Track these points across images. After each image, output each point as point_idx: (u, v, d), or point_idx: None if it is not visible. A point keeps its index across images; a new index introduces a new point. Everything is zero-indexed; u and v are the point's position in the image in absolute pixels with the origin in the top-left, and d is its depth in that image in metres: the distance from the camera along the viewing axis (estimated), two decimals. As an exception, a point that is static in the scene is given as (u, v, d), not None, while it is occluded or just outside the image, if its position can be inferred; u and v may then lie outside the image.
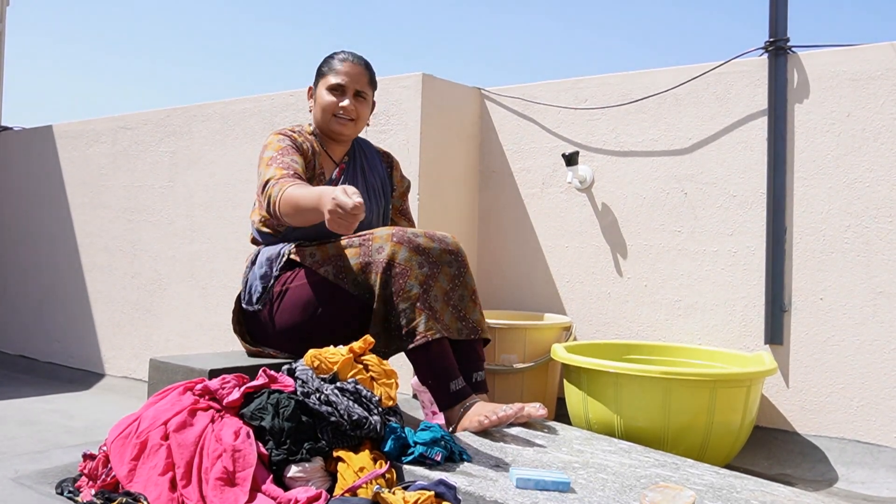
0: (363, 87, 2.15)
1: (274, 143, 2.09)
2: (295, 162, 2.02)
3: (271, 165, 2.00)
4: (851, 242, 2.35)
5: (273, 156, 2.04)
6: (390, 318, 1.90)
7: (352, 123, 2.15)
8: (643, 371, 2.09)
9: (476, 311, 2.00)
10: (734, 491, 1.62)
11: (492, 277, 3.02)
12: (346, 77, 2.13)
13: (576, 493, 1.51)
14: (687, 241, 2.61)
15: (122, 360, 3.67)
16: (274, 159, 2.02)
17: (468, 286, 1.99)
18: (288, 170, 1.97)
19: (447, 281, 1.94)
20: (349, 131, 2.16)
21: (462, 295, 1.96)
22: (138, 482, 1.59)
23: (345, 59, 2.15)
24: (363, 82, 2.16)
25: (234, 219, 3.27)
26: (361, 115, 2.16)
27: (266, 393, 1.69)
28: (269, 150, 2.07)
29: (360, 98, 2.15)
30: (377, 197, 2.23)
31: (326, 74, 2.16)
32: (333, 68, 2.15)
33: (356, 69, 2.15)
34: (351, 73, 2.13)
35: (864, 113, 2.34)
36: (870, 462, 2.26)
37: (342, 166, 2.19)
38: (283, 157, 2.02)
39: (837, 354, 2.35)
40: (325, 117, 2.14)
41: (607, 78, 2.79)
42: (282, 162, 2.00)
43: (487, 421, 1.80)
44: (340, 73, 2.13)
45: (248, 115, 3.27)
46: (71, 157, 3.98)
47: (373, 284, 1.92)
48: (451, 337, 1.92)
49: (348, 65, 2.14)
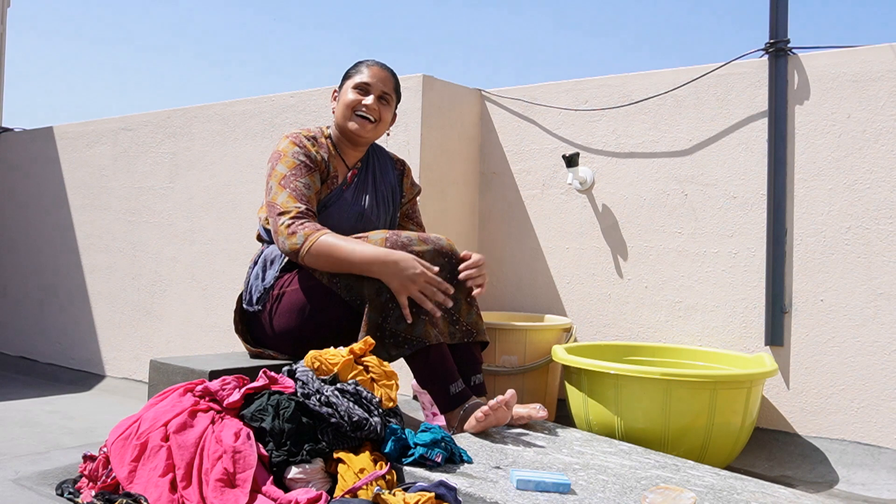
0: (388, 91, 2.18)
1: (288, 155, 2.07)
2: (308, 187, 2.03)
3: (284, 189, 2.01)
4: (852, 244, 2.34)
5: (286, 174, 2.04)
6: (385, 325, 1.91)
7: (372, 126, 2.15)
8: (643, 372, 2.09)
9: (472, 314, 2.00)
10: (735, 492, 1.62)
11: (492, 278, 3.02)
12: (372, 78, 2.16)
13: (576, 495, 1.51)
14: (687, 243, 2.61)
15: (122, 361, 3.67)
16: (287, 180, 2.03)
17: (462, 289, 1.99)
18: (301, 200, 2.00)
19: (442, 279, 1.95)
20: (368, 133, 2.15)
21: (456, 298, 1.97)
22: (139, 483, 1.59)
23: (372, 64, 2.19)
24: (389, 86, 2.18)
25: (235, 220, 3.27)
26: (383, 118, 2.17)
27: (266, 394, 1.69)
28: (282, 164, 2.06)
29: (383, 101, 2.17)
30: (386, 203, 2.24)
31: (353, 76, 2.18)
32: (361, 71, 2.18)
33: (383, 73, 2.18)
34: (378, 76, 2.16)
35: (865, 114, 2.34)
36: (870, 464, 2.25)
37: (354, 171, 2.20)
38: (296, 179, 2.03)
39: (838, 356, 2.35)
40: (346, 114, 2.14)
41: (608, 79, 2.79)
42: (295, 188, 2.01)
43: (482, 415, 1.80)
44: (367, 75, 2.16)
45: (248, 117, 3.27)
46: (71, 158, 3.98)
47: (365, 291, 1.92)
48: (444, 341, 1.92)
49: (376, 69, 2.18)
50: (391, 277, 1.87)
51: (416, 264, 1.87)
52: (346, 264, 1.91)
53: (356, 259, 1.89)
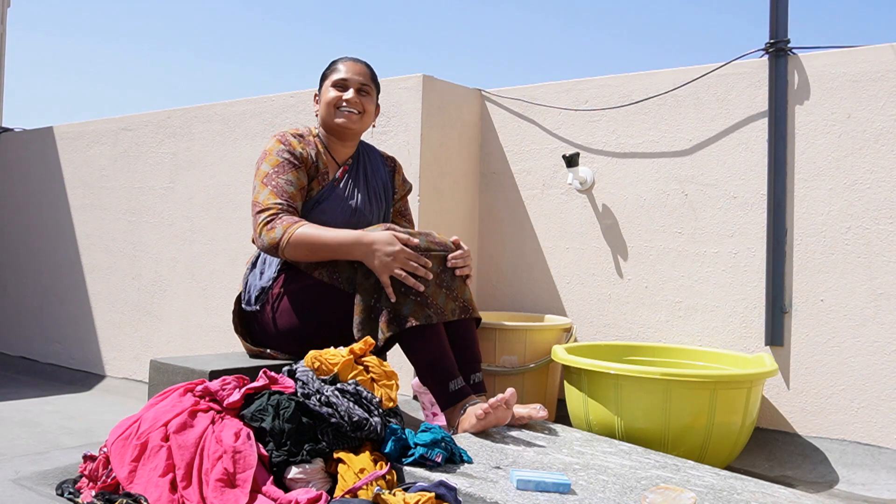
0: (367, 82, 2.21)
1: (273, 154, 2.10)
2: (290, 184, 2.05)
3: (266, 186, 2.04)
4: (852, 244, 2.34)
5: (269, 172, 2.07)
6: (377, 306, 1.92)
7: (358, 117, 2.18)
8: (644, 372, 2.09)
9: (466, 292, 2.02)
10: (735, 492, 1.62)
11: (492, 279, 3.02)
12: (349, 73, 2.19)
13: (576, 495, 1.51)
14: (687, 243, 2.61)
15: (122, 361, 3.67)
16: (269, 178, 2.05)
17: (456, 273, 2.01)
18: (282, 196, 2.02)
19: (437, 264, 1.97)
20: (355, 125, 2.18)
21: (452, 275, 1.99)
22: (139, 483, 1.59)
23: (347, 60, 2.23)
24: (366, 78, 2.22)
25: (235, 220, 3.27)
26: (367, 109, 2.20)
27: (266, 394, 1.69)
28: (266, 162, 2.09)
29: (363, 93, 2.20)
30: (378, 199, 2.25)
31: (330, 75, 2.22)
32: (336, 69, 2.22)
33: (358, 66, 2.22)
34: (353, 69, 2.21)
35: (865, 114, 2.34)
36: (870, 464, 2.25)
37: (345, 167, 2.21)
38: (278, 176, 2.05)
39: (838, 356, 2.35)
40: (330, 111, 2.17)
41: (608, 79, 2.79)
42: (276, 184, 2.04)
43: (482, 413, 1.80)
44: (343, 71, 2.20)
45: (248, 117, 3.27)
46: (72, 158, 3.98)
47: (355, 277, 1.95)
48: (446, 319, 1.93)
49: (350, 64, 2.22)
50: (371, 257, 1.90)
51: (393, 240, 1.90)
52: (325, 250, 1.93)
53: (334, 244, 1.92)
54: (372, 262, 1.90)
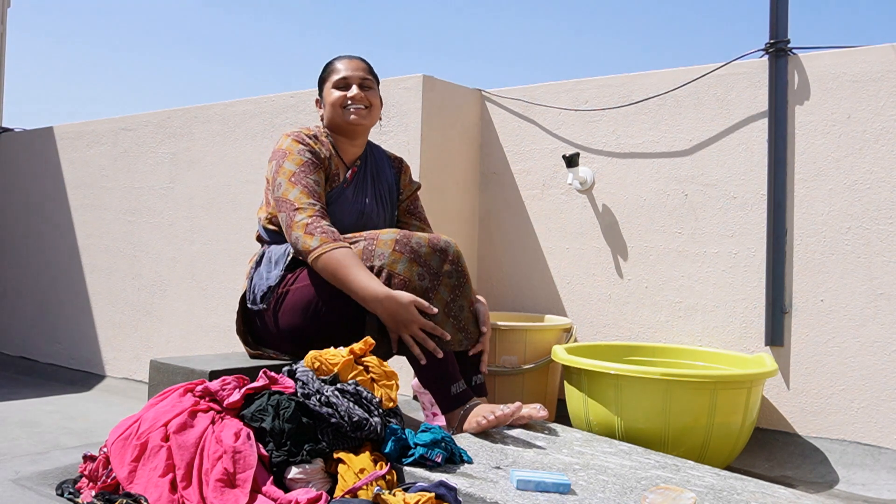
0: (366, 76, 2.19)
1: (294, 153, 2.07)
2: (318, 184, 2.05)
3: (296, 185, 2.02)
4: (852, 244, 2.34)
5: (295, 171, 2.04)
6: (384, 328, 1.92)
7: (366, 112, 2.17)
8: (644, 372, 2.09)
9: (472, 322, 2.02)
10: (735, 493, 1.62)
11: (492, 279, 3.02)
12: (347, 70, 2.18)
13: (576, 495, 1.51)
14: (687, 243, 2.61)
15: (122, 361, 3.67)
16: (297, 177, 2.03)
17: (467, 297, 2.00)
18: (313, 196, 2.01)
19: (448, 292, 1.96)
20: (366, 120, 2.17)
21: (462, 306, 1.98)
22: (139, 483, 1.59)
23: (341, 58, 2.22)
24: (365, 72, 2.20)
25: (235, 220, 3.27)
26: (373, 102, 2.19)
27: (266, 394, 1.69)
28: (290, 161, 2.06)
29: (366, 88, 2.19)
30: (384, 202, 2.24)
31: (329, 77, 2.20)
32: (334, 69, 2.20)
33: (355, 62, 2.21)
34: (351, 66, 2.19)
35: (865, 114, 2.34)
36: (870, 464, 2.25)
37: (354, 169, 2.20)
38: (305, 176, 2.04)
39: (838, 356, 2.35)
40: (337, 111, 2.16)
41: (608, 79, 2.79)
42: (306, 184, 2.02)
43: (486, 421, 1.80)
44: (342, 70, 2.18)
45: (248, 117, 3.27)
46: (72, 158, 3.98)
47: None
48: (453, 349, 1.93)
49: (346, 61, 2.20)
50: (387, 318, 1.89)
51: (412, 312, 1.87)
52: (346, 287, 1.91)
53: (357, 288, 1.89)
54: (387, 321, 1.90)
